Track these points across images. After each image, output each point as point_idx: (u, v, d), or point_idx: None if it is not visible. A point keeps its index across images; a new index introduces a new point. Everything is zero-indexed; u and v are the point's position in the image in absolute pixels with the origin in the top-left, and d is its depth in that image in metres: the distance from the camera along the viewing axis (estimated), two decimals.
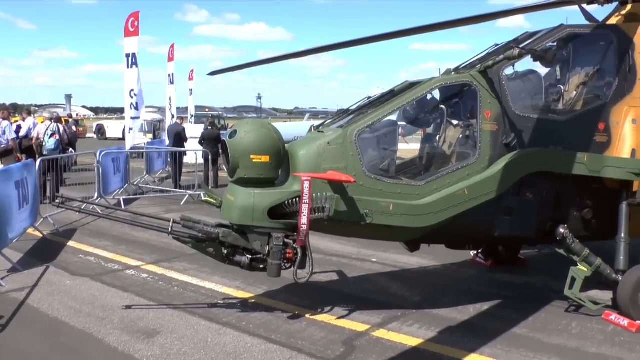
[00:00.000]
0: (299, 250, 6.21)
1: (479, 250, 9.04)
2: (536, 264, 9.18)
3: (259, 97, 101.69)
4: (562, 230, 6.90)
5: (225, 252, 6.41)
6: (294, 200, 6.11)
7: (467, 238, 7.12)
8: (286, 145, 6.46)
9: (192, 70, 29.48)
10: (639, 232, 7.42)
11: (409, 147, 8.04)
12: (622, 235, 6.94)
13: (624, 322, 6.53)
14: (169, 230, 6.42)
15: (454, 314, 6.78)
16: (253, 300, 7.19)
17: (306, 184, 5.92)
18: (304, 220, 5.96)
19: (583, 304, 6.80)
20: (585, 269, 6.82)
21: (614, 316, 6.67)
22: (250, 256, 6.35)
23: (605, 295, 7.14)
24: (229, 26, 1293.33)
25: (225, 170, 6.70)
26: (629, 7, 7.81)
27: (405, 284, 8.00)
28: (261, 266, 6.36)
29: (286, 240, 6.22)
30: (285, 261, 6.26)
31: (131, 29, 15.25)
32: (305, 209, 5.95)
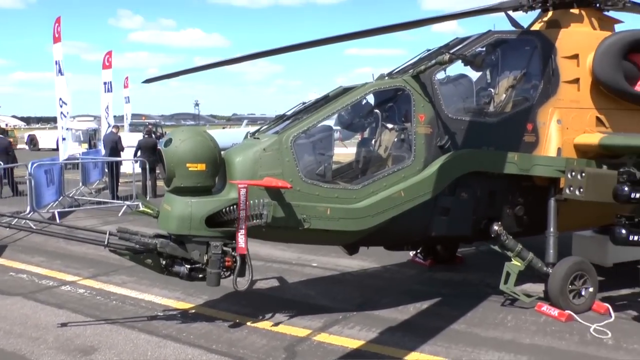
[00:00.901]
0: (238, 258, 6.19)
1: (418, 250, 9.23)
2: (473, 261, 9.46)
3: (197, 104, 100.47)
4: (496, 228, 7.18)
5: (164, 262, 6.33)
6: (232, 207, 6.09)
7: (405, 239, 7.27)
8: (222, 152, 6.44)
9: (127, 78, 28.86)
10: (567, 227, 7.81)
11: (348, 151, 8.13)
12: (552, 230, 7.29)
13: (555, 312, 6.86)
14: (105, 242, 6.27)
15: (395, 314, 6.89)
16: (193, 311, 7.09)
17: (242, 191, 5.91)
18: (242, 227, 5.94)
19: (517, 297, 7.09)
20: (519, 264, 7.11)
21: (545, 307, 6.99)
22: (189, 266, 6.29)
23: (539, 288, 7.44)
24: (164, 32, 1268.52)
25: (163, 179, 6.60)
26: (550, 14, 8.23)
27: (346, 286, 8.08)
28: (200, 275, 6.31)
29: (225, 248, 6.19)
30: (224, 269, 6.24)
31: (56, 35, 14.77)
32: (242, 216, 5.93)
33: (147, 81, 10.57)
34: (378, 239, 6.89)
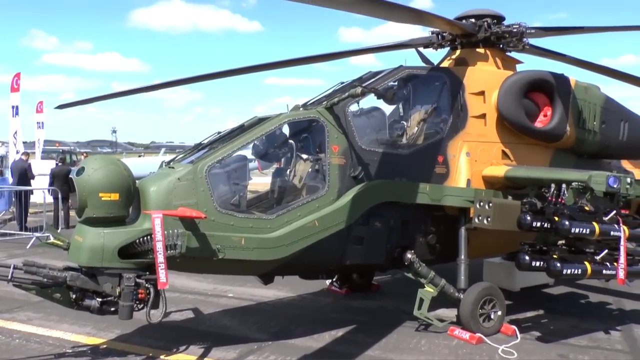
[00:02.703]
0: (152, 290, 6.04)
1: (334, 279, 9.32)
2: (389, 288, 9.67)
3: (114, 131, 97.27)
4: (409, 256, 7.41)
5: (74, 296, 6.11)
6: (145, 238, 5.98)
7: (319, 268, 7.38)
8: (137, 182, 6.32)
9: (41, 102, 27.58)
10: (477, 254, 8.18)
11: (268, 180, 8.18)
12: (462, 257, 7.62)
13: (466, 335, 7.16)
14: (9, 277, 5.95)
15: (310, 343, 6.94)
16: (105, 346, 6.84)
17: (157, 221, 5.80)
18: (161, 260, 5.80)
19: (431, 322, 7.32)
20: (432, 290, 7.37)
21: (457, 331, 7.28)
22: (100, 299, 6.09)
23: (452, 313, 7.71)
24: (80, 55, 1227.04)
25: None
26: (458, 52, 8.73)
27: (262, 316, 8.05)
28: (112, 309, 6.12)
29: (138, 280, 6.04)
30: (137, 302, 6.07)
31: None
32: (159, 247, 5.81)
33: (61, 107, 10.27)
34: (293, 268, 6.95)
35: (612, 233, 6.99)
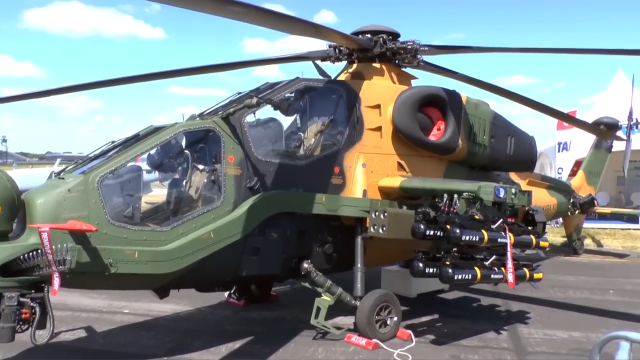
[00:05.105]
0: (37, 309, 5.74)
1: (232, 291, 9.25)
2: (288, 298, 9.70)
3: (4, 140, 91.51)
4: (306, 265, 7.51)
5: None
6: (31, 254, 5.66)
7: (216, 280, 7.29)
8: (23, 194, 6.01)
9: None
10: (374, 262, 8.40)
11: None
12: (359, 265, 7.79)
13: (363, 341, 7.31)
14: None
15: (206, 356, 6.84)
16: None
17: (44, 235, 5.50)
18: (55, 272, 5.49)
19: (328, 330, 7.44)
20: (329, 299, 7.50)
21: (354, 338, 7.42)
22: None
23: (350, 320, 7.85)
24: None
25: None
26: (355, 66, 8.98)
27: (158, 332, 7.83)
28: None
29: (22, 299, 5.68)
30: (21, 323, 5.72)
31: None
32: (50, 259, 5.51)
33: None
34: (189, 280, 6.84)
35: (499, 240, 7.42)
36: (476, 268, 7.34)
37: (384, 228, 7.42)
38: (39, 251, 5.57)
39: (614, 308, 9.46)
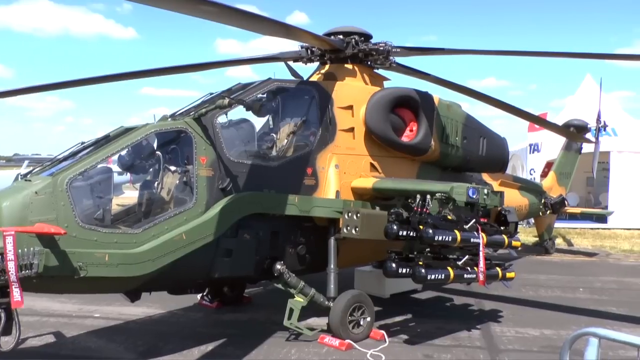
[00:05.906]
0: (2, 315, 5.63)
1: (205, 293, 9.16)
2: (261, 300, 9.66)
3: None
4: (279, 267, 7.48)
5: None
6: None
7: (188, 282, 7.23)
8: None
9: None
10: (347, 263, 8.42)
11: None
12: (332, 266, 7.79)
13: (336, 342, 7.31)
14: None
15: (179, 359, 6.77)
16: None
17: (9, 239, 5.37)
18: (14, 280, 5.39)
19: (301, 331, 7.42)
20: (302, 300, 7.49)
21: (328, 338, 7.42)
22: None
23: (323, 321, 7.82)
24: None
25: None
26: (327, 67, 8.99)
27: (130, 336, 7.72)
28: None
29: None
30: None
31: None
32: (11, 267, 5.40)
33: None
34: (160, 283, 6.76)
35: (472, 240, 7.46)
36: (449, 268, 7.37)
37: (357, 229, 7.43)
38: (3, 256, 5.43)
39: (584, 306, 9.63)
